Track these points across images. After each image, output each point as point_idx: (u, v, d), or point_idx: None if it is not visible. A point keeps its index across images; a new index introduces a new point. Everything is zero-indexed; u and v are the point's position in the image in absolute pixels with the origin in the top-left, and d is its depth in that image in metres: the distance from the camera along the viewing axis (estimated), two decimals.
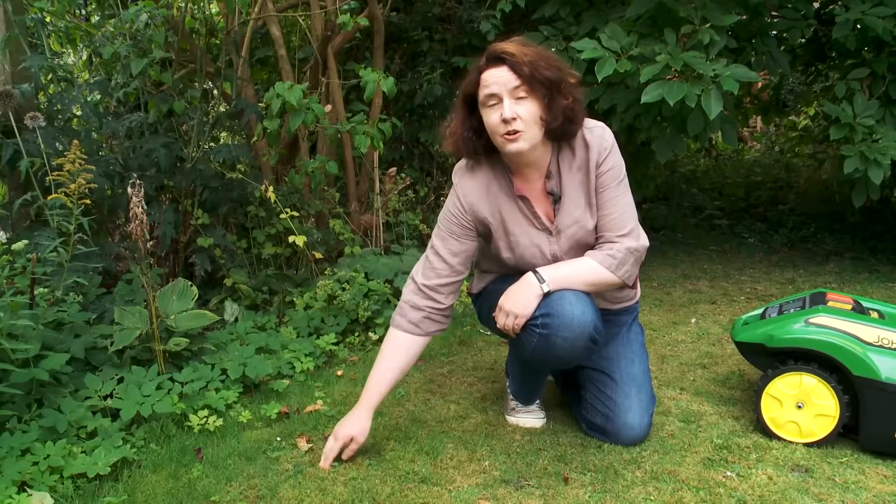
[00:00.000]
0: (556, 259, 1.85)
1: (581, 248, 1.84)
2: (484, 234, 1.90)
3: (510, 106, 1.67)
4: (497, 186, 1.84)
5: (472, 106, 1.76)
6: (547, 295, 1.74)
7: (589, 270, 1.77)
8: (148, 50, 2.84)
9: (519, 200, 1.83)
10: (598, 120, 1.84)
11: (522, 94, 1.67)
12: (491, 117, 1.71)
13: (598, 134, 1.78)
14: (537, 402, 2.09)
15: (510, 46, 1.69)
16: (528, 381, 2.02)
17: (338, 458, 1.84)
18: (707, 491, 1.69)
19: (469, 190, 1.85)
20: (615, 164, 1.79)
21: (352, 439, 1.83)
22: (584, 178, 1.80)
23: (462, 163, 1.89)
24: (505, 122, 1.67)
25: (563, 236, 1.83)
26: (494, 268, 1.99)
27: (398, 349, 1.88)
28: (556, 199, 1.82)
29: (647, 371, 2.00)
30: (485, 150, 1.81)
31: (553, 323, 1.72)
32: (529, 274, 1.77)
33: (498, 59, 1.69)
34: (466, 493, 1.68)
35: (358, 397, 2.21)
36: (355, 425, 1.84)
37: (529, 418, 2.06)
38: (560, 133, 1.75)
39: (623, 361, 1.97)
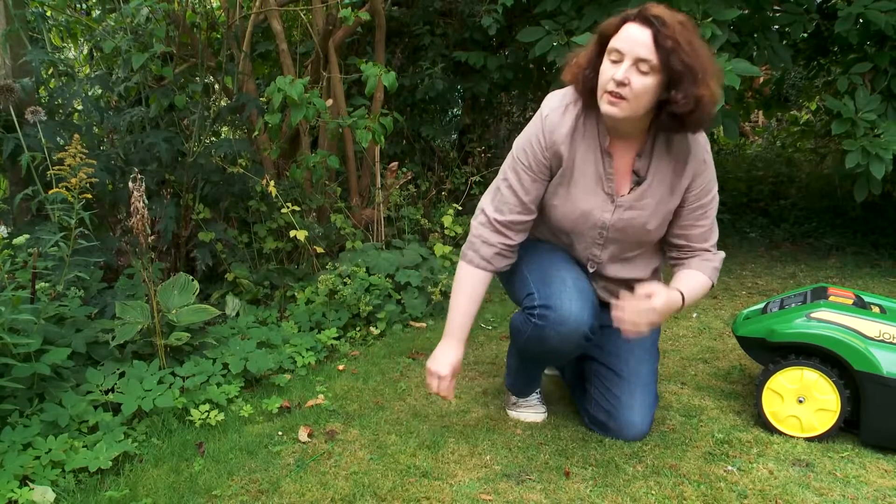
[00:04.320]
0: (601, 229, 1.83)
1: (628, 235, 1.83)
2: (552, 174, 1.84)
3: (626, 70, 1.59)
4: (582, 134, 1.78)
5: (604, 46, 1.68)
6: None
7: (703, 288, 1.83)
8: (149, 44, 2.84)
9: (605, 155, 1.77)
10: None
11: (646, 69, 1.59)
12: (607, 70, 1.63)
13: (701, 143, 1.77)
14: (538, 395, 2.09)
15: (668, 17, 1.59)
16: (523, 373, 2.02)
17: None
18: (708, 485, 1.69)
19: (556, 124, 1.77)
20: (712, 177, 1.80)
21: (450, 373, 1.84)
22: (673, 178, 1.77)
23: (556, 97, 1.81)
24: (615, 81, 1.61)
25: (624, 214, 1.80)
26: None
27: (474, 283, 1.85)
28: (638, 180, 1.79)
29: (655, 371, 1.98)
30: (590, 94, 1.72)
31: (550, 316, 1.73)
32: (675, 292, 1.73)
33: (647, 21, 1.59)
34: (468, 488, 1.68)
35: (359, 392, 2.23)
36: (452, 356, 1.84)
37: (530, 412, 2.06)
38: (666, 125, 1.69)
39: (632, 360, 1.95)
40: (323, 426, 2.01)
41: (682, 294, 1.74)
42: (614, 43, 1.62)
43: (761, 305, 2.18)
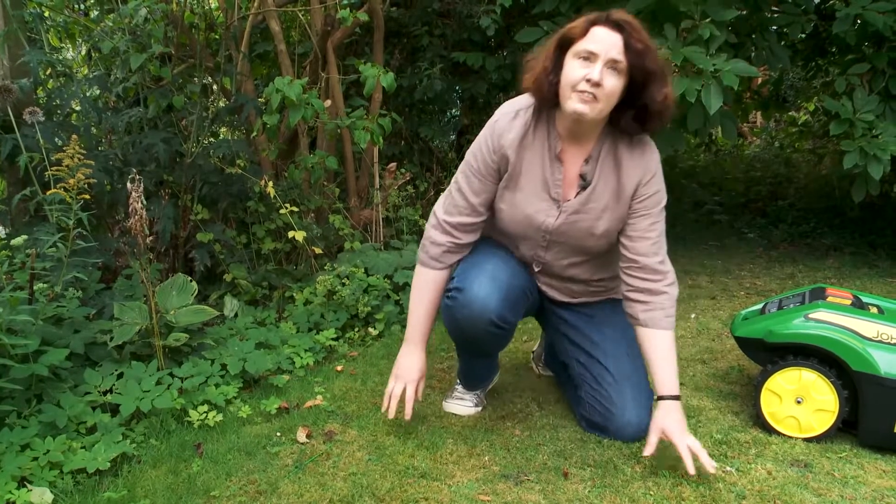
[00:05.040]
0: (544, 233, 1.86)
1: (571, 237, 1.86)
2: (500, 176, 1.88)
3: (601, 71, 1.63)
4: (531, 140, 1.81)
5: (564, 50, 1.71)
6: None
7: (673, 346, 1.81)
8: (147, 45, 2.83)
9: (555, 161, 1.80)
10: None
11: (617, 69, 1.65)
12: (576, 70, 1.66)
13: (648, 154, 1.80)
14: (477, 392, 2.12)
15: (634, 22, 1.67)
16: (462, 362, 2.08)
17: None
18: (706, 486, 1.69)
19: (504, 128, 1.81)
20: (660, 188, 1.81)
21: (419, 378, 1.95)
22: (619, 185, 1.80)
23: (508, 104, 1.86)
24: (588, 81, 1.64)
25: (569, 218, 1.83)
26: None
27: (428, 285, 1.92)
28: (585, 185, 1.81)
29: (641, 367, 1.95)
30: (552, 98, 1.75)
31: (459, 297, 1.82)
32: (678, 404, 1.77)
33: (617, 26, 1.65)
34: (466, 488, 1.68)
35: (358, 392, 2.23)
36: (418, 362, 1.95)
37: (457, 405, 2.10)
38: (623, 124, 1.74)
39: (611, 361, 1.96)
40: (321, 427, 2.01)
41: (674, 397, 1.77)
42: (585, 45, 1.66)
43: (759, 306, 2.18)
